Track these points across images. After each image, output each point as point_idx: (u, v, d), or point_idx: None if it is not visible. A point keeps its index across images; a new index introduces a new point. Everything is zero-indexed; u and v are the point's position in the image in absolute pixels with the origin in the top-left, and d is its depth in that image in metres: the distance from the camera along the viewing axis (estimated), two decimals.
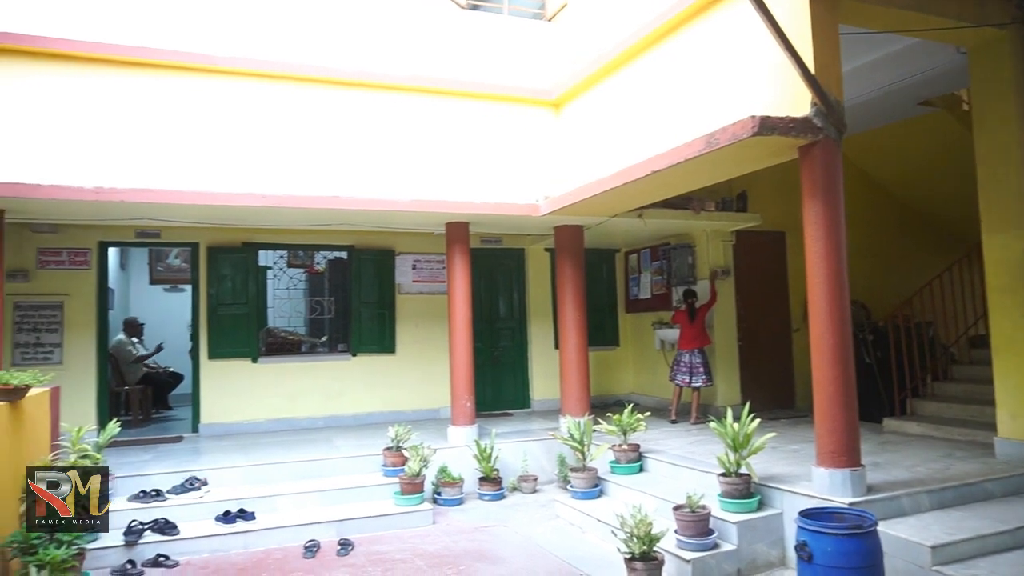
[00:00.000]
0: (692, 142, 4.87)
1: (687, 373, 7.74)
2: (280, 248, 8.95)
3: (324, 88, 6.49)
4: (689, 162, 4.97)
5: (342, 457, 6.74)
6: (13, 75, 5.59)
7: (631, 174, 5.53)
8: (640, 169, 5.41)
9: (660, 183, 5.79)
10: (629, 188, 5.85)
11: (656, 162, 5.20)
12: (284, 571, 4.94)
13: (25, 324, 7.43)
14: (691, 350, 7.72)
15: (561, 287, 7.66)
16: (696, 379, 7.68)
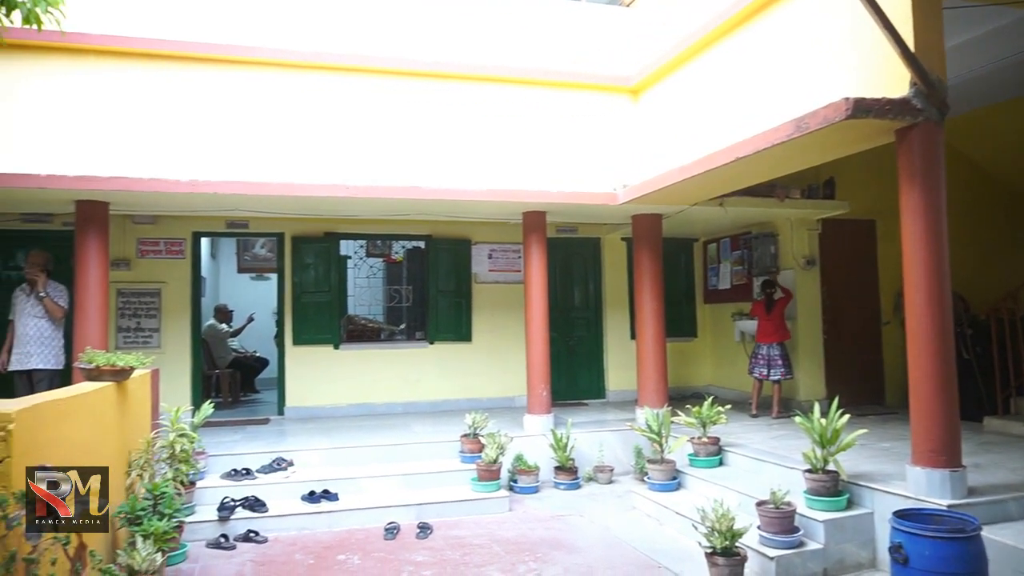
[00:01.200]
0: (779, 127, 4.71)
1: (765, 366, 7.52)
2: (360, 238, 9.19)
3: (403, 80, 6.58)
4: (776, 148, 4.80)
5: (420, 442, 6.87)
6: (115, 76, 5.90)
7: (714, 161, 5.39)
8: (724, 156, 5.26)
9: (743, 170, 5.62)
10: (711, 175, 5.71)
11: (740, 148, 5.05)
12: (366, 551, 5.08)
13: (127, 310, 7.90)
14: (769, 343, 7.50)
15: (638, 276, 7.55)
16: (774, 372, 7.45)
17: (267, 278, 12.09)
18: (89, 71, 5.84)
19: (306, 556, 5.00)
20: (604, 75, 7.05)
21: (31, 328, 6.29)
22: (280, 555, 5.04)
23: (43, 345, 6.33)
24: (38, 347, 6.30)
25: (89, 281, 6.18)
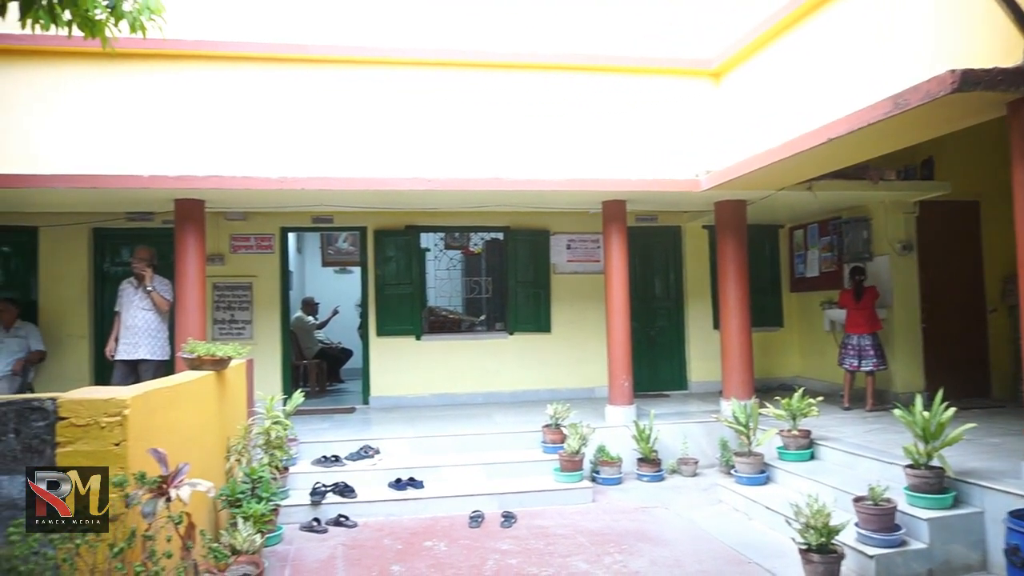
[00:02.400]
0: (876, 105, 4.47)
1: (856, 357, 7.20)
2: (440, 231, 9.31)
3: (481, 72, 6.60)
4: (872, 127, 4.56)
5: (502, 432, 6.92)
6: (209, 79, 6.17)
7: (804, 143, 5.18)
8: (814, 137, 5.04)
9: (835, 152, 5.38)
10: (800, 158, 5.49)
11: (833, 128, 4.82)
12: (452, 538, 5.16)
13: (221, 303, 8.29)
14: (860, 334, 7.18)
15: (722, 265, 7.36)
16: (866, 363, 7.13)
17: (350, 271, 12.46)
18: (185, 75, 6.14)
19: (394, 541, 5.12)
20: (684, 59, 6.87)
21: (139, 320, 6.66)
22: (369, 540, 5.18)
23: (151, 337, 6.69)
24: (146, 338, 6.67)
25: (188, 275, 6.50)
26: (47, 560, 2.47)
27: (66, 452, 2.99)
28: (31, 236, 7.97)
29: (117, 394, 3.08)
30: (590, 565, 4.58)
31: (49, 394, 3.07)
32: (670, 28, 6.96)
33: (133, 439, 3.06)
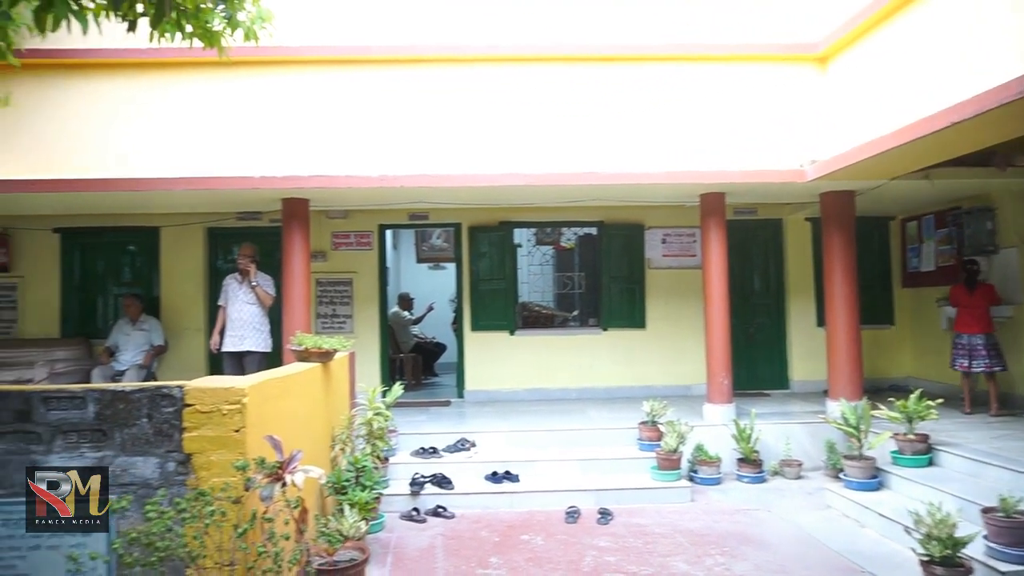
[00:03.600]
0: (1007, 84, 4.12)
1: (966, 356, 6.73)
2: (534, 226, 9.34)
3: (573, 66, 6.56)
4: (1003, 108, 4.21)
5: (596, 428, 6.87)
6: (313, 82, 6.41)
7: (923, 128, 4.85)
8: (936, 121, 4.71)
9: (958, 137, 5.00)
10: (918, 145, 5.14)
11: (959, 111, 4.49)
12: (549, 533, 5.16)
13: (324, 298, 8.62)
14: (971, 333, 6.68)
15: (828, 259, 7.01)
16: (977, 363, 6.65)
17: (443, 267, 12.69)
18: (290, 79, 6.41)
19: (491, 534, 5.18)
20: (786, 44, 6.58)
21: (245, 313, 7.01)
22: (467, 531, 5.26)
23: (255, 329, 7.04)
24: (251, 331, 7.01)
25: (294, 271, 6.78)
26: (180, 537, 2.63)
27: (192, 437, 3.18)
28: (153, 236, 8.55)
29: (236, 383, 3.25)
30: (690, 566, 4.47)
31: (177, 382, 3.27)
32: (771, 13, 6.69)
33: (251, 426, 3.21)
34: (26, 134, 6.16)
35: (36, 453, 3.28)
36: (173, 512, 2.68)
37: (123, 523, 3.14)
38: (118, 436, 3.26)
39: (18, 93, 5.93)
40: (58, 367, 7.68)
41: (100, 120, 6.28)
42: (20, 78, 5.68)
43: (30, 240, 8.47)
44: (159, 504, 2.78)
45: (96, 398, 3.28)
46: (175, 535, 2.63)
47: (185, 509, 2.68)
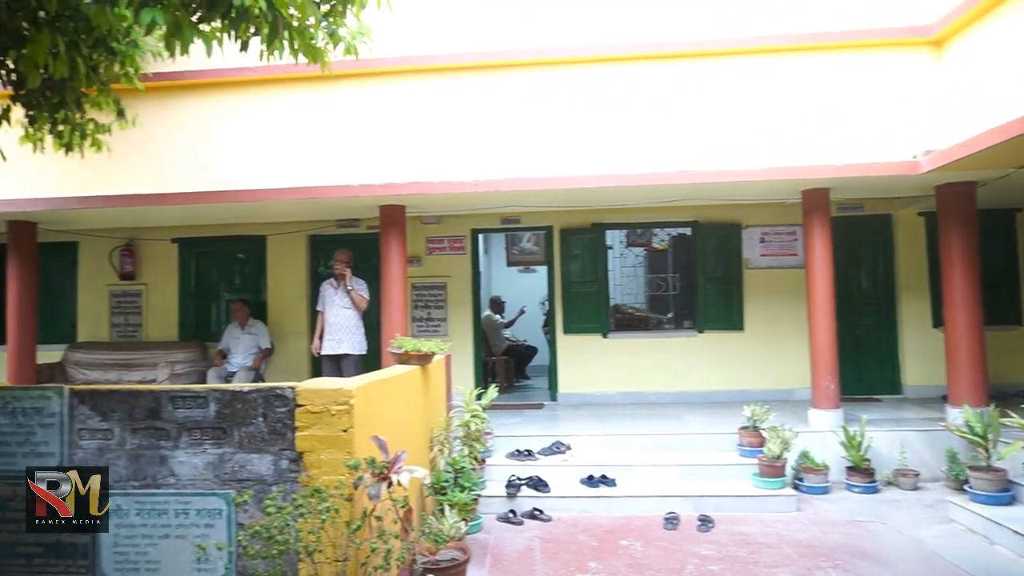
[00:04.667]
0: None
1: None
2: (626, 227, 9.24)
3: (665, 64, 6.41)
4: None
5: (694, 433, 6.70)
6: (407, 92, 6.56)
7: None
8: None
9: None
10: None
11: None
12: (648, 539, 5.07)
13: (419, 301, 8.82)
14: None
15: (946, 255, 6.55)
16: None
17: (533, 270, 12.74)
18: (385, 90, 6.58)
19: (589, 538, 5.14)
20: (896, 28, 6.20)
21: (341, 318, 7.28)
22: (564, 535, 5.24)
23: (352, 333, 7.30)
24: (348, 334, 7.28)
25: (392, 275, 6.97)
26: (297, 532, 2.75)
27: (303, 436, 3.32)
28: (261, 244, 9.02)
29: (345, 384, 3.37)
30: None
31: (289, 383, 3.42)
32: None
33: (357, 426, 3.32)
34: (148, 151, 6.61)
35: (165, 448, 3.51)
36: (291, 508, 2.80)
37: (242, 516, 3.32)
38: (236, 434, 3.44)
39: (140, 113, 6.38)
40: (178, 368, 8.22)
41: (212, 135, 6.67)
42: (143, 100, 6.10)
43: (152, 250, 9.11)
44: (276, 500, 2.91)
45: (217, 398, 3.47)
46: (293, 530, 2.74)
47: (302, 505, 2.80)
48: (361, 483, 2.99)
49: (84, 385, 3.68)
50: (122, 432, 3.55)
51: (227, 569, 3.32)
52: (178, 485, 3.47)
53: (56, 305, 9.20)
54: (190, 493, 3.43)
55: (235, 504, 3.18)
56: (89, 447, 3.57)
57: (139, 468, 3.52)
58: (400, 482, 3.07)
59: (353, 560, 2.84)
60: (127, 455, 3.54)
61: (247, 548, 2.83)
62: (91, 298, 9.25)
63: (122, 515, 3.48)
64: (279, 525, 2.72)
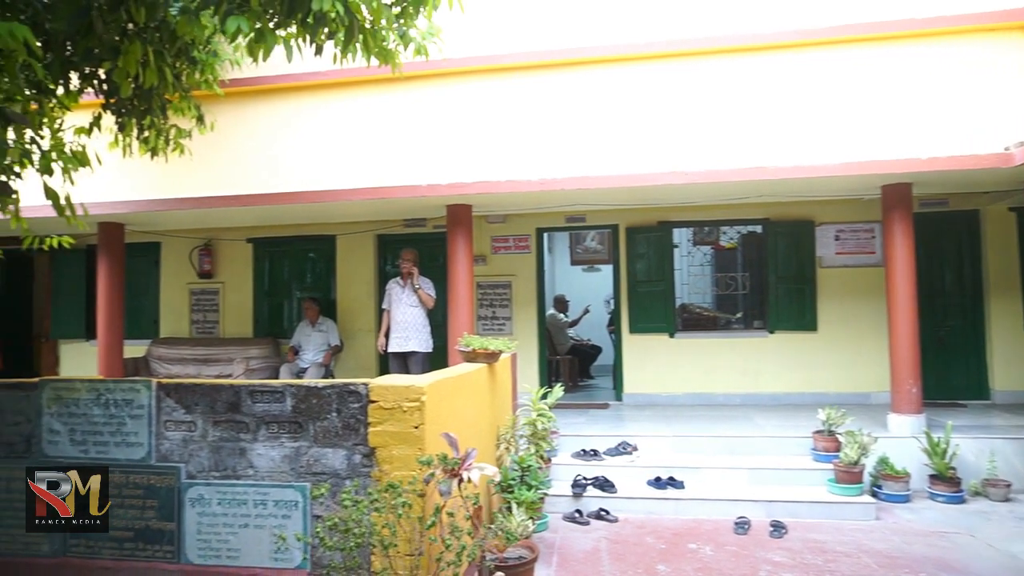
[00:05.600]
0: None
1: None
2: (693, 225, 9.06)
3: (734, 58, 6.25)
4: None
5: (765, 436, 6.52)
6: (473, 91, 6.61)
7: None
8: None
9: None
10: None
11: None
12: (718, 543, 4.97)
13: (484, 300, 8.88)
14: None
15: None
16: None
17: (597, 269, 12.66)
18: (452, 90, 6.65)
19: (656, 540, 5.06)
20: (984, 13, 5.87)
21: (408, 316, 7.39)
22: (631, 536, 5.18)
23: (418, 331, 7.40)
24: (414, 332, 7.38)
25: (458, 274, 7.03)
26: (372, 525, 2.81)
27: (376, 431, 3.39)
28: (330, 243, 9.25)
29: (416, 382, 3.42)
30: None
31: (362, 380, 3.50)
32: None
33: (428, 423, 3.37)
34: (223, 155, 6.86)
35: (244, 441, 3.64)
36: (367, 502, 2.86)
37: (317, 508, 3.41)
38: (312, 428, 3.54)
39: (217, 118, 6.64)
40: (252, 364, 8.51)
41: (284, 138, 6.88)
42: (219, 105, 6.34)
43: (229, 249, 9.47)
44: (352, 494, 2.97)
45: (293, 393, 3.58)
46: (368, 523, 2.80)
47: (377, 499, 2.85)
48: (433, 479, 3.03)
49: (168, 379, 3.85)
50: (204, 424, 3.70)
51: (303, 559, 3.42)
52: (256, 477, 3.60)
53: (141, 302, 9.66)
54: (268, 485, 3.55)
55: (312, 497, 3.27)
56: (174, 438, 3.74)
57: (220, 459, 3.67)
58: (471, 479, 3.09)
59: (426, 555, 2.88)
60: (209, 447, 3.69)
61: (324, 540, 2.91)
62: (172, 296, 9.68)
63: (205, 504, 3.63)
64: (356, 518, 2.78)
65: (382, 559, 2.95)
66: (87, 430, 3.83)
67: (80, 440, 3.83)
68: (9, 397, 3.94)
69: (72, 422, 3.85)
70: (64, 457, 3.83)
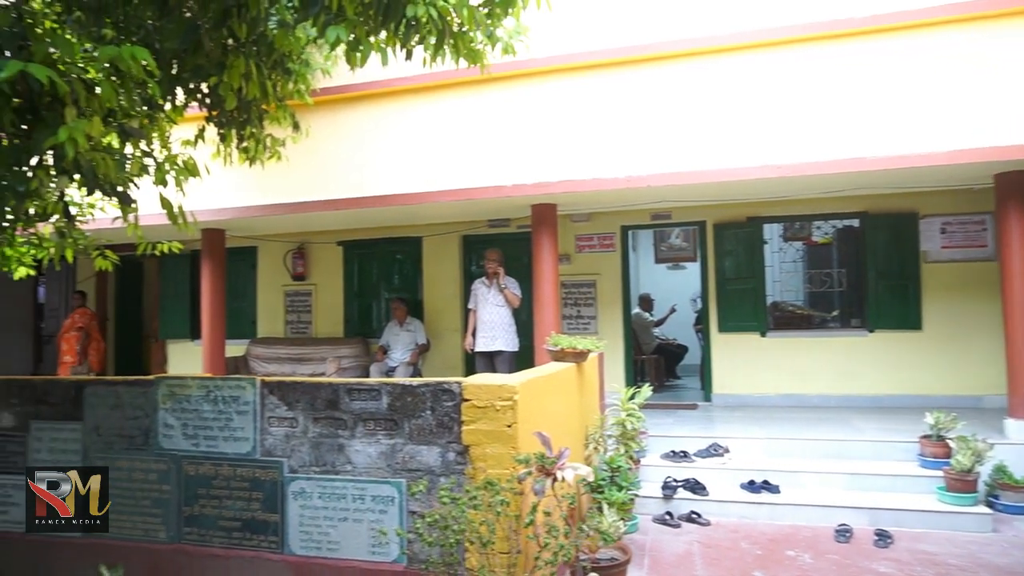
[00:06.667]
0: None
1: None
2: (783, 220, 8.75)
3: (825, 45, 5.96)
4: None
5: (865, 440, 6.22)
6: (556, 90, 6.59)
7: None
8: None
9: None
10: None
11: None
12: (817, 551, 4.77)
13: (568, 299, 8.85)
14: None
15: None
16: None
17: (682, 267, 12.40)
18: (534, 89, 6.65)
19: (751, 546, 4.91)
20: None
21: (495, 315, 7.44)
22: (724, 540, 5.05)
23: (505, 330, 7.44)
24: (501, 332, 7.43)
25: (544, 274, 7.04)
26: (470, 522, 2.84)
27: (470, 430, 3.43)
28: (416, 244, 9.45)
29: (509, 380, 3.44)
30: None
31: (455, 379, 3.55)
32: None
33: (521, 422, 3.38)
34: (314, 161, 7.11)
35: (342, 437, 3.76)
36: (466, 499, 2.90)
37: (412, 504, 3.48)
38: (407, 426, 3.62)
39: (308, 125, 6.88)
40: (344, 363, 8.80)
41: (371, 143, 7.07)
42: (310, 113, 6.57)
43: (320, 252, 9.83)
44: (450, 491, 3.02)
45: (389, 391, 3.67)
46: (467, 519, 2.84)
47: (475, 497, 2.89)
48: (528, 478, 3.04)
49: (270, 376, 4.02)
50: (305, 421, 3.84)
51: (400, 554, 3.50)
52: (354, 472, 3.71)
53: (240, 304, 10.15)
54: (365, 480, 3.66)
55: (411, 493, 3.34)
56: (277, 434, 3.90)
57: (320, 455, 3.80)
58: (564, 478, 3.09)
59: (524, 553, 2.89)
60: (309, 442, 3.83)
61: (424, 535, 2.97)
62: (269, 297, 10.12)
63: (306, 497, 3.78)
64: (456, 515, 2.82)
65: (478, 556, 2.98)
66: (198, 425, 4.05)
67: (192, 434, 4.06)
68: (129, 393, 4.21)
69: (184, 417, 4.08)
70: (178, 450, 4.07)
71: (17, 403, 4.49)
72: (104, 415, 4.27)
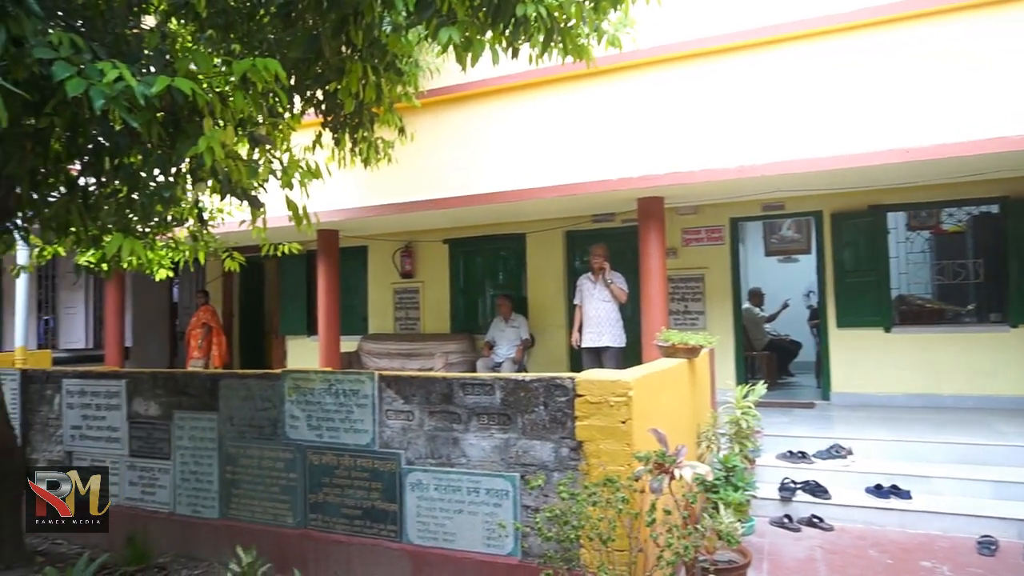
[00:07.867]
0: None
1: None
2: (909, 208, 8.16)
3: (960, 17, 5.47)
4: None
5: (1010, 445, 5.71)
6: (661, 81, 6.41)
7: None
8: None
9: None
10: None
11: None
12: (957, 563, 4.43)
13: (675, 294, 8.65)
14: None
15: None
16: None
17: (795, 259, 11.84)
18: (638, 81, 6.50)
19: (881, 554, 4.63)
20: None
21: (601, 311, 7.37)
22: (849, 547, 4.78)
23: (611, 325, 7.36)
24: (608, 327, 7.35)
25: (651, 268, 6.91)
26: (589, 519, 2.83)
27: (583, 425, 3.42)
28: (520, 241, 9.51)
29: (623, 376, 3.40)
30: None
31: (568, 374, 3.54)
32: None
33: (635, 418, 3.33)
34: (420, 161, 7.26)
35: (457, 431, 3.83)
36: (585, 495, 2.89)
37: (526, 499, 3.51)
38: (520, 421, 3.64)
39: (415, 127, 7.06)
40: (451, 358, 8.98)
41: (476, 142, 7.15)
42: (415, 115, 6.73)
43: (427, 250, 10.09)
44: (568, 486, 3.02)
45: (501, 386, 3.71)
46: (586, 516, 2.83)
47: (594, 493, 2.87)
48: (645, 475, 2.99)
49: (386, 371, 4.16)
50: (421, 414, 3.95)
51: (515, 547, 3.54)
52: (469, 465, 3.77)
53: (352, 301, 10.58)
54: (480, 473, 3.71)
55: (530, 487, 3.36)
56: (394, 426, 4.02)
57: (435, 448, 3.89)
58: (683, 476, 3.01)
59: (646, 551, 2.85)
60: (425, 435, 3.92)
61: (542, 530, 2.98)
62: (378, 295, 10.49)
63: (423, 489, 3.88)
64: (576, 511, 2.82)
65: (594, 553, 2.96)
66: (321, 416, 4.24)
67: (315, 425, 4.26)
68: (259, 385, 4.47)
69: (309, 409, 4.28)
70: (303, 440, 4.28)
71: (163, 394, 4.87)
72: (237, 406, 4.56)
